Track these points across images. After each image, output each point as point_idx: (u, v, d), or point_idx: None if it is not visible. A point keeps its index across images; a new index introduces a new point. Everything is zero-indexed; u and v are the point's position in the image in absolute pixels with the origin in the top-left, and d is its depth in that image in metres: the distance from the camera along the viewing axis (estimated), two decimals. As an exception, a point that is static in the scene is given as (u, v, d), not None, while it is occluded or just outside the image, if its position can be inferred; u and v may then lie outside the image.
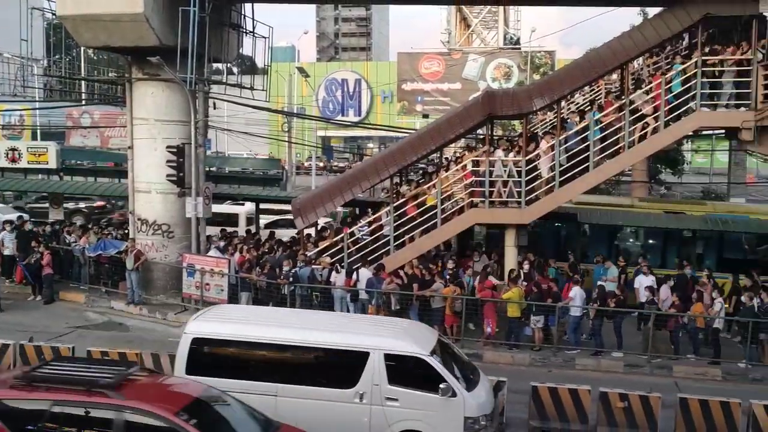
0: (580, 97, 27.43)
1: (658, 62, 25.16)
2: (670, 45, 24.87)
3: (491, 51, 74.48)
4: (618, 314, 19.00)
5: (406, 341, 12.48)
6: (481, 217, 21.07)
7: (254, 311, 16.08)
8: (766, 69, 19.11)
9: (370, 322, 15.18)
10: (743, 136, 19.74)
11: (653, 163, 40.52)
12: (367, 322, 15.15)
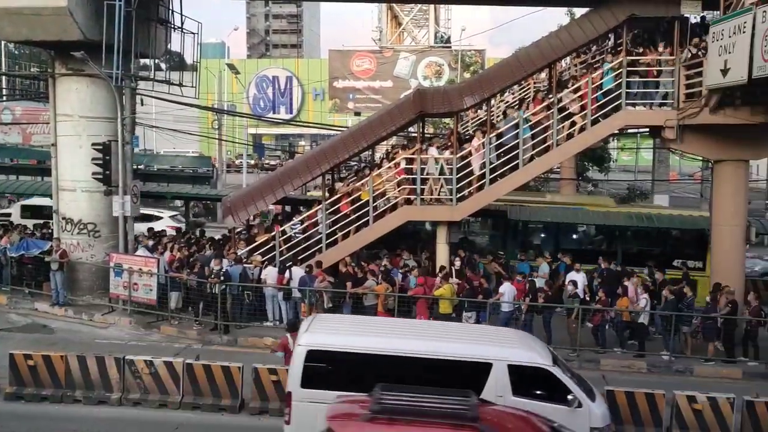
0: (510, 96, 27.81)
1: (585, 61, 25.70)
2: (597, 45, 25.43)
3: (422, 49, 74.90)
4: (547, 309, 19.33)
5: (529, 352, 12.25)
6: (412, 214, 21.17)
7: (358, 321, 15.13)
8: (688, 69, 19.67)
9: (483, 331, 14.61)
10: (667, 135, 20.27)
11: (581, 161, 41.32)
12: (479, 331, 14.59)
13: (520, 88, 27.33)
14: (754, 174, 47.30)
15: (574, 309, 19.17)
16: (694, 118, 19.56)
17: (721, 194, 20.97)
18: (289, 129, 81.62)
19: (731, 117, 19.15)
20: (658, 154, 42.02)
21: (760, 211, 39.95)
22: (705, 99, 19.07)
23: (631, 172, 55.14)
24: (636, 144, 54.47)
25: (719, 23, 17.41)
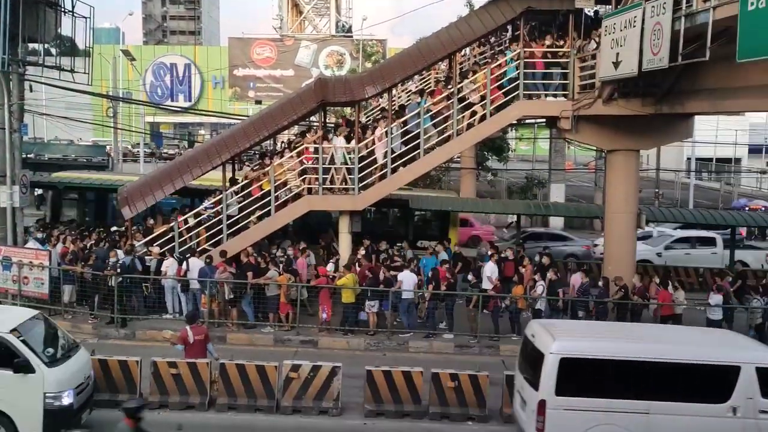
0: (413, 85, 28.01)
1: (484, 52, 26.10)
2: (496, 36, 25.86)
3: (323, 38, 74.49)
4: (449, 297, 19.60)
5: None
6: (315, 203, 21.07)
7: (595, 327, 15.37)
8: (583, 61, 20.23)
9: (706, 333, 15.11)
10: (562, 125, 20.82)
11: (480, 151, 42.02)
12: (704, 334, 14.90)
13: (422, 78, 27.54)
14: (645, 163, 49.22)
15: (473, 297, 19.50)
16: (588, 109, 20.14)
17: (613, 183, 21.72)
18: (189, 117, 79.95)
19: (623, 108, 19.82)
20: (555, 144, 43.12)
21: (650, 200, 41.58)
22: (598, 90, 19.65)
23: (529, 161, 56.42)
24: (533, 134, 55.78)
25: (611, 17, 17.95)
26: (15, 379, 11.78)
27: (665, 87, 19.13)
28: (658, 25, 15.56)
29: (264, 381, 14.31)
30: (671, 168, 49.59)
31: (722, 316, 19.22)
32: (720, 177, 58.77)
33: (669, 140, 24.21)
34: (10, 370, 11.76)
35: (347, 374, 14.63)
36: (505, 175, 47.42)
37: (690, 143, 45.53)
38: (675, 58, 15.14)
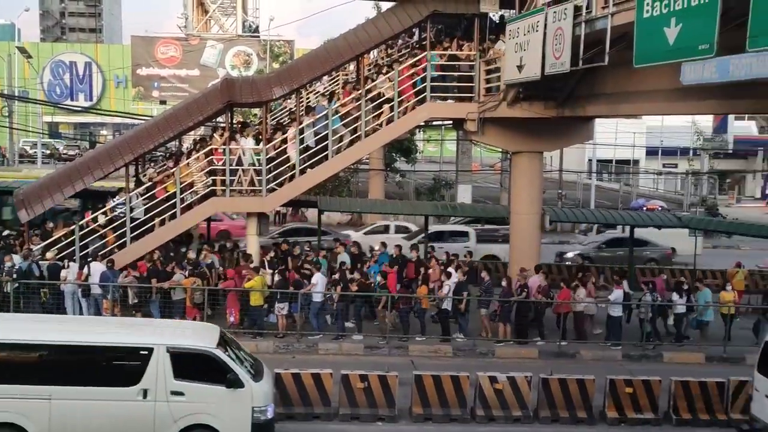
0: (322, 86, 27.95)
1: (392, 55, 26.27)
2: (403, 39, 26.06)
3: (230, 38, 73.52)
4: (358, 298, 19.62)
5: None
6: (221, 205, 20.78)
7: None
8: (488, 64, 20.58)
9: None
10: (468, 127, 21.13)
11: (389, 152, 42.27)
12: None
13: (332, 79, 27.54)
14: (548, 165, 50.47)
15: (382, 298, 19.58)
16: (493, 112, 20.51)
17: (518, 184, 22.19)
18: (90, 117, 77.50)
19: (527, 111, 20.27)
20: (462, 145, 43.75)
21: (554, 200, 42.63)
22: (503, 93, 20.04)
23: (437, 163, 57.05)
24: (441, 136, 56.44)
25: (515, 21, 18.33)
26: (226, 394, 11.89)
27: (567, 91, 19.68)
28: (559, 30, 15.97)
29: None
30: (573, 169, 50.94)
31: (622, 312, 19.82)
32: (619, 178, 60.80)
33: (571, 142, 24.93)
34: (221, 386, 11.88)
35: (256, 378, 14.46)
36: (413, 176, 47.82)
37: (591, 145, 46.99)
38: (576, 62, 15.57)
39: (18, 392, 11.46)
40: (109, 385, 11.73)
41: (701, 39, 11.47)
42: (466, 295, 19.65)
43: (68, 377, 11.62)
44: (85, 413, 11.60)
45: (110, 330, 13.40)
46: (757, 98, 15.04)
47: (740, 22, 10.73)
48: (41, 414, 11.44)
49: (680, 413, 14.97)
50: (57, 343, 11.93)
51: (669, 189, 60.50)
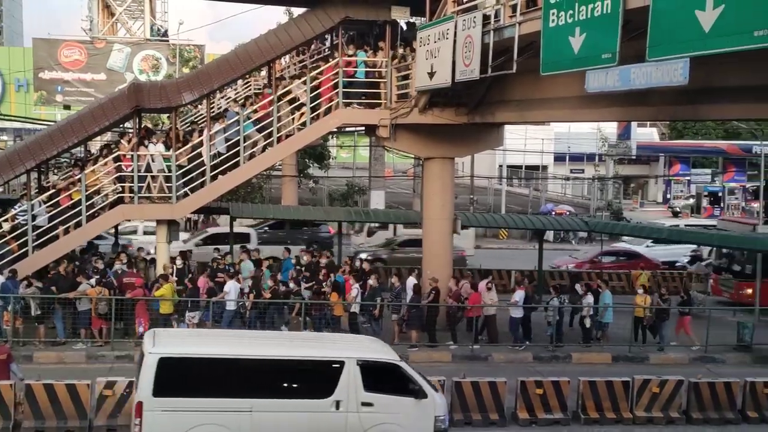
0: (233, 92, 27.63)
1: (303, 60, 26.17)
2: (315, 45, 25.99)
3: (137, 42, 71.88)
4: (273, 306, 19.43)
5: None
6: (129, 213, 20.30)
7: None
8: (399, 71, 20.72)
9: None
10: (381, 133, 21.21)
11: (301, 158, 42.09)
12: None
13: (245, 83, 27.25)
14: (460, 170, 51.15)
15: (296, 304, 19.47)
16: (405, 118, 20.64)
17: (430, 189, 22.40)
18: (-12, 122, 74.56)
19: (438, 117, 20.50)
20: (374, 151, 43.91)
21: (466, 205, 43.22)
22: (415, 100, 20.20)
23: (350, 169, 57.09)
24: (354, 142, 56.54)
25: (426, 29, 18.50)
26: (412, 405, 12.37)
27: (477, 97, 20.00)
28: (469, 38, 16.20)
29: (75, 401, 13.55)
30: (485, 175, 51.77)
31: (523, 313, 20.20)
32: (529, 183, 62.11)
33: (482, 148, 25.32)
34: (407, 396, 12.39)
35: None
36: (326, 182, 47.73)
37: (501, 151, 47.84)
38: (485, 70, 15.81)
39: (221, 405, 11.68)
40: (305, 397, 12.09)
41: (604, 48, 11.83)
42: (380, 300, 19.73)
43: (268, 390, 11.93)
44: (282, 424, 11.92)
45: (302, 344, 13.85)
46: (657, 106, 15.62)
47: (640, 33, 11.11)
48: (243, 426, 11.68)
49: (588, 412, 15.37)
50: (258, 357, 12.26)
51: (576, 194, 62.19)
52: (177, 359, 11.72)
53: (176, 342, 12.76)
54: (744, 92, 13.30)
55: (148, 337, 12.52)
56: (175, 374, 11.60)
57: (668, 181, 63.81)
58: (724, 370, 18.80)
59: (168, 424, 11.47)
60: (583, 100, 16.35)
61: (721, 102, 14.18)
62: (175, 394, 11.57)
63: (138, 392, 11.59)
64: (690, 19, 9.92)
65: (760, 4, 8.87)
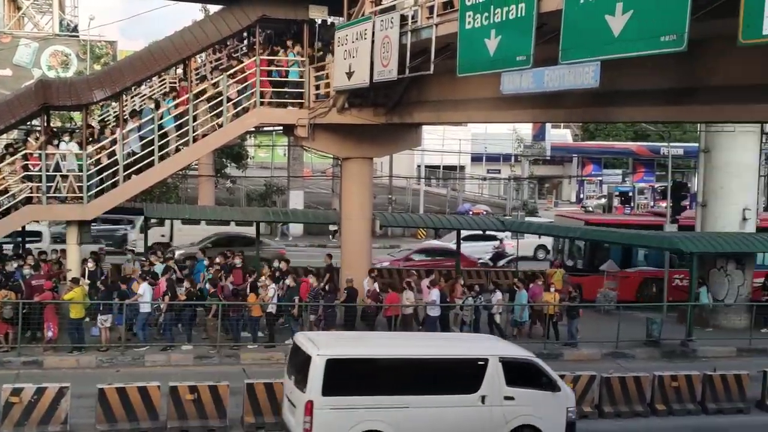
0: (148, 89, 27.05)
1: (220, 59, 25.82)
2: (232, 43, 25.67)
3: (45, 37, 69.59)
4: (188, 308, 19.09)
5: None
6: (37, 214, 19.65)
7: None
8: (317, 70, 20.64)
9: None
10: (299, 133, 21.08)
11: (218, 158, 41.54)
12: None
13: (161, 81, 26.71)
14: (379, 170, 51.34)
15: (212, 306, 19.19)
16: (323, 118, 20.58)
17: (348, 189, 22.40)
18: None
19: (357, 117, 20.51)
20: (293, 151, 43.68)
21: (384, 206, 43.43)
22: (333, 100, 20.16)
23: (268, 168, 56.68)
24: (272, 141, 56.13)
25: (344, 28, 18.49)
26: (547, 398, 13.14)
27: (395, 98, 20.09)
28: (387, 38, 16.25)
29: (-21, 409, 13.04)
30: (403, 175, 52.13)
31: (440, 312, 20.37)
32: (447, 183, 62.84)
33: (400, 148, 25.44)
34: (543, 390, 13.16)
35: (77, 394, 13.80)
36: (244, 182, 47.24)
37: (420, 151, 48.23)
38: (403, 70, 15.88)
39: (382, 402, 12.36)
40: (454, 393, 12.77)
41: (519, 51, 12.01)
42: (297, 300, 19.62)
43: (422, 387, 12.60)
44: (435, 419, 12.57)
45: (447, 344, 15.05)
46: (570, 108, 15.98)
47: (554, 36, 11.33)
48: (400, 421, 12.35)
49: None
50: (413, 356, 13.15)
51: (493, 194, 63.25)
52: (342, 360, 12.43)
53: (338, 344, 13.60)
54: (652, 95, 13.71)
55: (303, 339, 13.22)
56: (340, 374, 12.24)
57: (581, 181, 65.55)
58: (634, 365, 19.38)
59: (335, 421, 12.12)
60: (499, 101, 16.59)
61: (630, 104, 14.58)
62: (341, 392, 12.19)
63: (308, 392, 12.09)
64: (600, 23, 10.16)
65: (666, 10, 9.15)
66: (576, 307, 21.19)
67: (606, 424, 15.71)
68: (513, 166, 60.65)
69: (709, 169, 25.19)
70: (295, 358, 13.17)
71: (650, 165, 63.33)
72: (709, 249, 22.58)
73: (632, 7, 9.66)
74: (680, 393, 16.47)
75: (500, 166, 64.72)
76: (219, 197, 43.40)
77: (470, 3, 13.20)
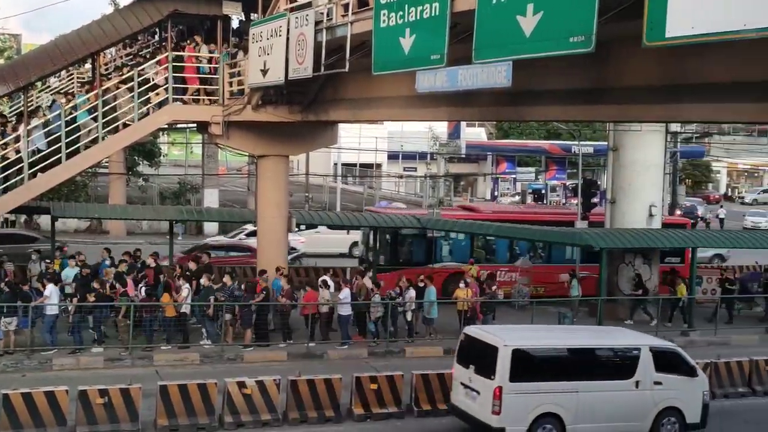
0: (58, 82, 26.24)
1: (131, 54, 25.21)
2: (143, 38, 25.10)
3: (-55, 29, 66.70)
4: (97, 309, 18.58)
5: None
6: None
7: None
8: (232, 67, 20.37)
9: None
10: (213, 130, 20.77)
11: (130, 155, 40.57)
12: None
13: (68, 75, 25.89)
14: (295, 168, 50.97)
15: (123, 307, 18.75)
16: (238, 115, 20.31)
17: (264, 187, 22.19)
18: None
19: (272, 115, 20.32)
20: (208, 148, 43.00)
21: (301, 203, 43.17)
22: (248, 97, 19.92)
23: (182, 166, 55.60)
24: (186, 139, 55.14)
25: (258, 25, 18.28)
26: (688, 382, 14.85)
27: (311, 96, 20.00)
28: (302, 35, 16.14)
29: None
30: (320, 173, 51.93)
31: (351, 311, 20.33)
32: (363, 181, 62.92)
33: (316, 146, 25.33)
34: (685, 375, 14.85)
35: (-20, 401, 13.23)
36: (157, 180, 46.28)
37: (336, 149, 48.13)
38: (319, 68, 15.80)
39: (558, 388, 13.91)
40: (614, 379, 14.38)
41: (433, 50, 12.08)
42: (213, 300, 19.35)
43: (588, 374, 14.23)
44: (599, 403, 14.08)
45: (603, 335, 16.77)
46: (484, 106, 16.21)
47: (468, 35, 11.45)
48: (571, 404, 13.87)
49: (421, 404, 15.74)
50: (581, 346, 14.87)
51: (409, 191, 63.60)
52: (525, 350, 13.99)
53: (520, 336, 14.85)
54: (563, 95, 14.02)
55: (482, 332, 14.84)
56: (523, 363, 13.76)
57: (495, 179, 66.51)
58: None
59: (520, 405, 13.58)
60: (415, 99, 16.69)
61: (541, 104, 14.88)
62: (524, 379, 13.68)
63: (497, 379, 13.51)
64: (512, 23, 10.31)
65: (575, 12, 9.35)
66: (491, 303, 21.53)
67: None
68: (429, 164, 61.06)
69: (617, 167, 25.95)
70: (471, 349, 14.54)
71: (562, 163, 64.75)
72: (618, 245, 23.28)
73: (543, 8, 9.83)
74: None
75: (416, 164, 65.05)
76: (131, 196, 42.39)
77: (385, 1, 13.21)
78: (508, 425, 13.52)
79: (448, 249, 27.70)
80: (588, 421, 13.98)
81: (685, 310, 24.13)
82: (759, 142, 71.71)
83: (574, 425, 13.89)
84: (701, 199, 67.04)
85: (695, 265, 25.04)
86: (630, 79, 12.36)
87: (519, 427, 13.57)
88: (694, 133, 55.28)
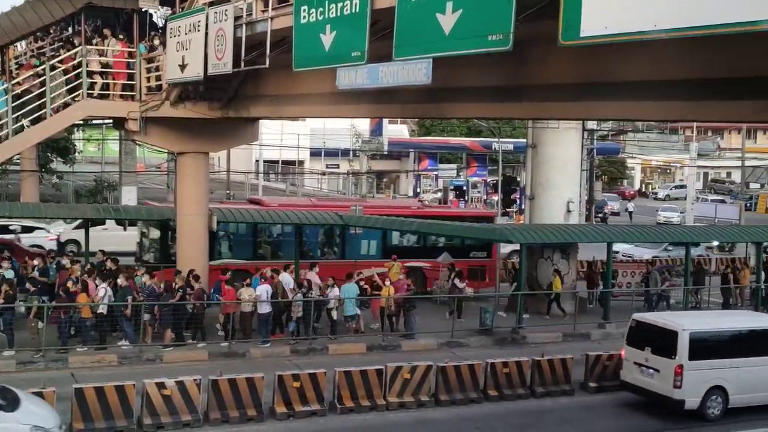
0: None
1: (42, 47, 24.44)
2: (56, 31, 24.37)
3: None
4: (7, 310, 17.97)
5: None
6: None
7: None
8: (149, 62, 19.94)
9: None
10: (130, 127, 20.32)
11: (43, 152, 39.34)
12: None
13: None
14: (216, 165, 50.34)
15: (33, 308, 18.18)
16: (156, 111, 19.92)
17: (183, 185, 21.83)
18: None
19: (191, 111, 19.99)
20: (125, 145, 42.01)
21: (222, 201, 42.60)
22: (166, 92, 19.54)
23: (98, 163, 54.21)
24: (102, 135, 53.80)
25: (176, 19, 17.94)
26: None
27: (231, 92, 19.74)
28: (221, 31, 15.91)
29: None
30: (241, 170, 51.40)
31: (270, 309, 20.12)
32: (286, 178, 62.55)
33: (237, 143, 25.05)
34: None
35: None
36: (72, 177, 45.01)
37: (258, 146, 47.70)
38: (238, 64, 15.60)
39: (724, 365, 16.32)
40: (765, 355, 16.72)
41: (354, 46, 12.07)
42: (131, 300, 18.94)
43: (748, 352, 16.66)
44: (755, 377, 16.55)
45: (750, 318, 19.61)
46: (405, 103, 16.28)
47: (388, 32, 11.48)
48: (733, 380, 16.30)
49: (344, 401, 15.73)
50: (739, 328, 17.35)
51: (332, 188, 63.57)
52: (698, 333, 16.36)
53: (692, 322, 17.03)
54: (483, 93, 14.18)
55: (656, 318, 17.43)
56: (698, 344, 16.14)
57: (418, 175, 66.98)
58: (468, 353, 20.07)
59: (696, 380, 16.02)
60: (337, 96, 16.63)
61: (462, 101, 15.02)
62: (698, 357, 16.05)
63: (677, 358, 15.98)
64: (432, 21, 10.38)
65: (493, 10, 9.46)
66: (413, 300, 21.69)
67: (442, 412, 16.18)
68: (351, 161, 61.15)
69: (536, 164, 26.45)
70: (644, 333, 16.89)
71: (483, 160, 65.59)
72: (537, 240, 23.73)
73: (461, 6, 9.92)
74: (511, 378, 17.24)
75: (339, 161, 65.05)
76: (44, 194, 41.09)
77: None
78: (687, 397, 16.04)
79: (227, 245, 26.17)
80: (747, 391, 16.53)
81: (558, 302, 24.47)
82: (671, 139, 74.22)
83: (735, 395, 16.41)
84: (617, 195, 69.00)
85: (611, 260, 25.64)
86: (547, 77, 12.58)
87: (695, 399, 16.11)
88: (610, 130, 56.87)
